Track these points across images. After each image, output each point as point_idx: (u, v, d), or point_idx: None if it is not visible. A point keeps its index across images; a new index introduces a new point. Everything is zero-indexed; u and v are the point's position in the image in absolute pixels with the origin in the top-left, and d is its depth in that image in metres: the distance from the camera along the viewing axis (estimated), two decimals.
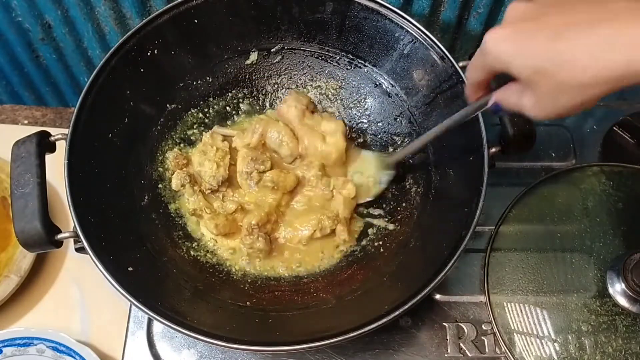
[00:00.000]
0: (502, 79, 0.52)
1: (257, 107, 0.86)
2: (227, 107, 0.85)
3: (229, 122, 0.85)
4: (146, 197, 0.77)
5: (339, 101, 0.85)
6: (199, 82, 0.83)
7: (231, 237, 0.78)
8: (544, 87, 0.46)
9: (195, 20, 0.78)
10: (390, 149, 0.82)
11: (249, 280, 0.75)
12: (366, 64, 0.83)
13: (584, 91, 0.44)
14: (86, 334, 0.80)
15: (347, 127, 0.83)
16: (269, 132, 0.80)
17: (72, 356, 0.76)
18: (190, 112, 0.83)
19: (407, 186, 0.79)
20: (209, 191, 0.79)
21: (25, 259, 0.81)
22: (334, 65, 0.84)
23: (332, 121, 0.81)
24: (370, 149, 0.83)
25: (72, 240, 0.66)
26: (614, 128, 0.87)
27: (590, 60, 0.42)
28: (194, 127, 0.83)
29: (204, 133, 0.82)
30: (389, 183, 0.79)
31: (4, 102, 1.06)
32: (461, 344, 0.74)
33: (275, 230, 0.78)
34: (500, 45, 0.47)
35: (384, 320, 0.62)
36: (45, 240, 0.65)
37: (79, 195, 0.67)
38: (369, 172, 0.79)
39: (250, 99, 0.86)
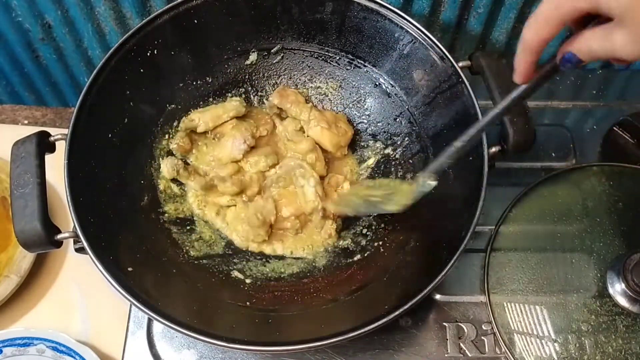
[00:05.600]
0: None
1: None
2: None
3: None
4: (146, 197, 0.77)
5: (338, 101, 0.85)
6: (198, 82, 0.83)
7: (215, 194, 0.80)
8: None
9: (195, 21, 0.78)
10: (390, 149, 0.82)
11: (249, 281, 0.75)
12: (366, 64, 0.83)
13: None
14: (86, 334, 0.80)
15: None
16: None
17: (72, 356, 0.76)
18: (190, 112, 0.83)
19: None
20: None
21: (25, 259, 0.81)
22: (333, 66, 0.84)
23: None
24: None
25: (72, 240, 0.66)
26: (614, 128, 0.87)
27: None
28: None
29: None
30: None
31: (4, 102, 1.06)
32: (461, 344, 0.74)
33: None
34: (637, 56, 0.42)
35: (384, 320, 0.62)
36: (45, 240, 0.65)
37: (79, 195, 0.67)
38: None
39: (250, 99, 0.86)
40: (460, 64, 0.73)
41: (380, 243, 0.77)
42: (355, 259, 0.77)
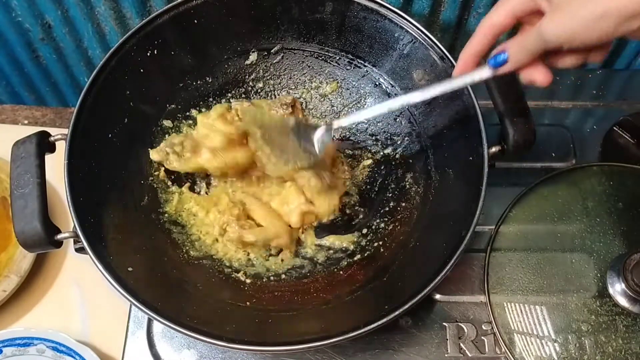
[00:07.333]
0: None
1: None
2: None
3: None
4: (146, 197, 0.77)
5: (338, 101, 0.85)
6: (198, 82, 0.83)
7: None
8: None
9: (195, 21, 0.78)
10: (390, 149, 0.82)
11: (249, 281, 0.75)
12: (366, 64, 0.83)
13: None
14: (86, 334, 0.80)
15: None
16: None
17: (72, 356, 0.76)
18: (190, 112, 0.83)
19: (407, 186, 0.79)
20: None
21: (25, 259, 0.81)
22: (333, 65, 0.85)
23: None
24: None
25: (72, 240, 0.66)
26: (614, 128, 0.87)
27: None
28: (194, 127, 0.83)
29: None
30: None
31: (4, 102, 1.06)
32: (461, 344, 0.74)
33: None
34: (560, 34, 0.51)
35: (384, 320, 0.62)
36: (45, 240, 0.65)
37: (79, 195, 0.67)
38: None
39: (250, 99, 0.86)
40: None
41: (380, 243, 0.77)
42: (355, 259, 0.76)
